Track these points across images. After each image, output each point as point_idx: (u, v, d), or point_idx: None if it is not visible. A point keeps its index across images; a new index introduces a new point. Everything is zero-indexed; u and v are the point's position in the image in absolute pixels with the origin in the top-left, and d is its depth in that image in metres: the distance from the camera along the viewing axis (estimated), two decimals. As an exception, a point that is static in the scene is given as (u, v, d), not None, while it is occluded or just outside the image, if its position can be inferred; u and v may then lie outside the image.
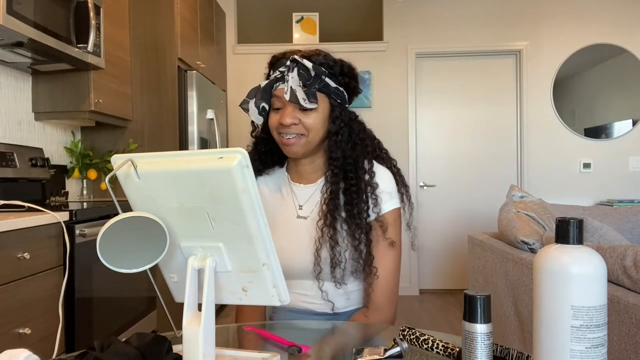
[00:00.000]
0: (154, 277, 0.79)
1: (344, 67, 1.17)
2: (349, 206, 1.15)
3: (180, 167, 0.67)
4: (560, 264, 0.60)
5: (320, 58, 1.14)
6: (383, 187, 1.19)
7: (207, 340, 0.68)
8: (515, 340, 2.11)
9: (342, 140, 1.17)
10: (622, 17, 4.33)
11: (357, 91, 1.23)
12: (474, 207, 4.48)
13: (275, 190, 1.28)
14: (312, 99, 1.12)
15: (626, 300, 1.37)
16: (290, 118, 1.13)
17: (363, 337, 1.08)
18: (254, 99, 1.17)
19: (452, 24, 4.45)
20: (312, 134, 1.15)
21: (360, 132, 1.22)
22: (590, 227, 1.91)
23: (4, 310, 1.54)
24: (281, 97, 1.14)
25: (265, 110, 1.17)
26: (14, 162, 2.29)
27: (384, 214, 1.19)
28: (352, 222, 1.15)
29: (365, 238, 1.15)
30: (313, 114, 1.14)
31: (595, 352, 0.58)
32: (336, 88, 1.16)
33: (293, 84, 1.11)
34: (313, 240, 1.17)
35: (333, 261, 1.14)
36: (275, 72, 1.16)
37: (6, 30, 1.84)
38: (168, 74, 3.01)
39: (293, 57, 1.13)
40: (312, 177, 1.24)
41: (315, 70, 1.12)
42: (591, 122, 4.40)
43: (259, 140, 1.26)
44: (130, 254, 0.69)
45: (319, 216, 1.18)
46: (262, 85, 1.17)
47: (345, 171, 1.17)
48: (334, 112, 1.17)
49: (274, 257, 0.71)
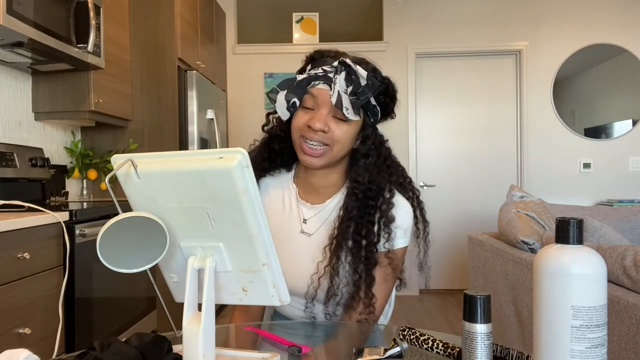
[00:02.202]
0: (154, 277, 0.79)
1: (389, 88, 1.08)
2: (357, 236, 1.06)
3: (180, 167, 0.67)
4: (560, 264, 0.60)
5: (370, 71, 1.05)
6: (400, 222, 1.09)
7: (207, 340, 0.68)
8: (515, 340, 2.11)
9: (369, 163, 1.09)
10: (622, 17, 4.33)
11: (392, 115, 1.14)
12: (474, 207, 4.48)
13: (278, 197, 1.18)
14: (356, 111, 1.03)
15: (626, 300, 1.37)
16: (322, 123, 1.03)
17: (363, 337, 1.08)
18: (285, 91, 1.06)
19: (452, 24, 4.45)
20: (337, 147, 1.05)
21: (387, 158, 1.14)
22: (590, 227, 1.91)
23: (4, 310, 1.54)
24: (318, 97, 1.04)
25: (294, 106, 1.06)
26: (14, 162, 2.29)
27: (395, 249, 1.09)
28: (358, 254, 1.06)
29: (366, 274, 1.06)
30: (345, 126, 1.05)
31: (595, 352, 0.58)
32: (374, 106, 1.07)
33: (340, 88, 1.01)
34: (314, 263, 1.10)
35: (329, 292, 1.07)
36: (316, 69, 1.05)
37: (6, 30, 1.84)
38: (168, 74, 3.01)
39: (343, 60, 1.03)
40: (323, 193, 1.15)
41: (368, 81, 1.02)
42: (591, 122, 4.40)
43: (274, 137, 1.16)
44: (130, 254, 0.69)
45: (328, 240, 1.09)
46: (298, 78, 1.06)
47: (366, 197, 1.07)
48: (365, 130, 1.09)
49: (274, 257, 0.71)
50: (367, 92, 1.02)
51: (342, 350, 0.98)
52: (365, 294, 1.07)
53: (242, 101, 4.46)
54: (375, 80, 1.03)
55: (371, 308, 1.07)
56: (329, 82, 1.03)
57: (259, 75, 4.46)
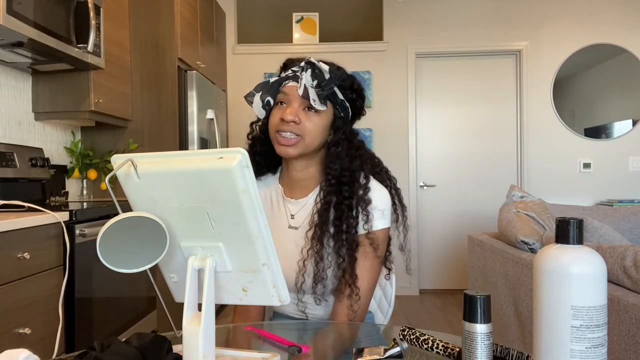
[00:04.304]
0: (154, 277, 0.79)
1: (354, 84, 1.18)
2: (337, 221, 1.13)
3: (180, 167, 0.67)
4: (560, 264, 0.60)
5: (334, 67, 1.15)
6: (376, 203, 1.16)
7: (207, 340, 0.68)
8: (515, 340, 2.11)
9: (341, 151, 1.16)
10: (622, 17, 4.33)
11: (361, 112, 1.23)
12: (474, 207, 4.48)
13: (266, 197, 1.26)
14: (322, 101, 1.12)
15: (626, 300, 1.37)
16: (293, 115, 1.12)
17: (363, 337, 1.08)
18: (260, 92, 1.17)
19: (452, 24, 4.45)
20: (308, 138, 1.14)
21: (360, 149, 1.21)
22: (590, 227, 1.91)
23: (4, 310, 1.54)
24: (289, 94, 1.14)
25: (269, 104, 1.16)
26: (14, 162, 2.29)
27: (374, 230, 1.16)
28: (339, 238, 1.13)
29: (349, 256, 1.13)
30: (315, 117, 1.14)
31: (595, 352, 0.58)
32: (342, 101, 1.16)
33: (307, 82, 1.12)
34: (298, 250, 1.17)
35: (316, 277, 1.13)
36: (287, 72, 1.16)
37: (6, 30, 1.84)
38: (168, 74, 3.01)
39: (309, 59, 1.13)
40: (305, 187, 1.22)
41: (331, 74, 1.12)
42: (591, 122, 4.40)
43: (256, 139, 1.25)
44: (130, 254, 0.69)
45: (309, 226, 1.16)
46: (271, 81, 1.16)
47: (340, 183, 1.15)
48: (335, 122, 1.17)
49: (274, 257, 0.71)
50: (330, 83, 1.12)
51: (342, 350, 0.98)
52: (350, 275, 1.13)
53: (242, 101, 4.45)
54: (337, 72, 1.14)
55: (357, 289, 1.13)
56: (297, 79, 1.14)
57: (259, 75, 4.46)
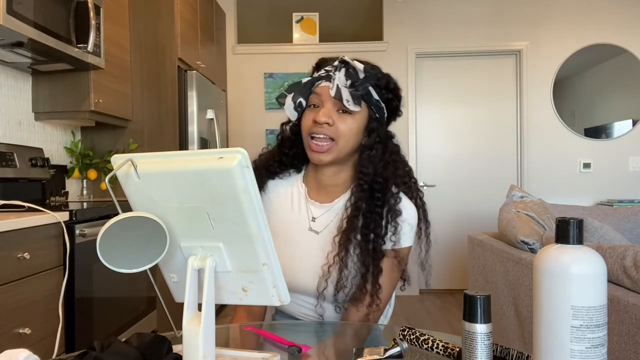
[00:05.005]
0: (154, 277, 0.79)
1: (390, 83, 1.13)
2: (366, 229, 1.09)
3: (180, 167, 0.67)
4: (560, 264, 0.60)
5: (369, 66, 1.10)
6: (406, 216, 1.12)
7: (207, 340, 0.68)
8: (515, 340, 2.11)
9: (375, 155, 1.12)
10: (622, 17, 4.33)
11: (397, 113, 1.18)
12: (474, 207, 4.48)
13: (287, 196, 1.22)
14: (356, 102, 1.07)
15: (626, 300, 1.37)
16: (326, 117, 1.07)
17: (363, 337, 1.08)
18: (292, 93, 1.13)
19: (452, 24, 4.45)
20: (342, 141, 1.09)
21: (394, 154, 1.17)
22: (590, 227, 1.91)
23: (4, 310, 1.54)
24: (321, 95, 1.10)
25: (301, 106, 1.13)
26: (14, 162, 2.29)
27: (401, 248, 1.12)
28: (365, 247, 1.08)
29: (374, 267, 1.09)
30: (349, 119, 1.09)
31: (595, 352, 0.58)
32: (378, 101, 1.11)
33: (340, 82, 1.07)
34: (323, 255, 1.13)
35: (338, 284, 1.09)
36: (320, 72, 1.12)
37: (6, 30, 1.84)
38: (168, 74, 3.01)
39: (343, 58, 1.09)
40: (332, 192, 1.18)
41: (366, 73, 1.07)
42: (591, 122, 4.40)
43: (285, 140, 1.21)
44: (130, 254, 0.69)
45: (337, 231, 1.12)
46: (303, 81, 1.12)
47: (372, 190, 1.10)
48: (370, 124, 1.12)
49: (274, 257, 0.71)
50: (364, 82, 1.07)
51: (342, 350, 0.98)
52: (372, 285, 1.09)
53: (242, 101, 4.46)
54: (372, 71, 1.09)
55: (378, 300, 1.10)
56: (330, 79, 1.09)
57: (259, 75, 4.46)
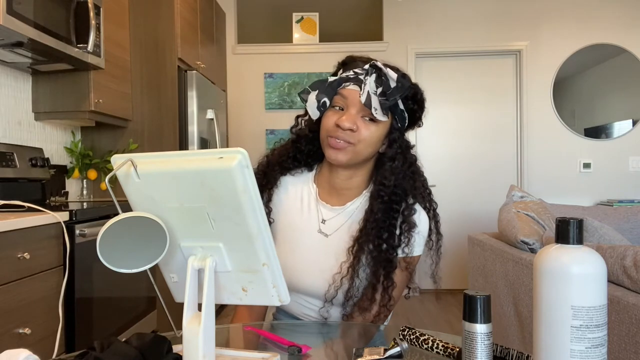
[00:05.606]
0: (154, 277, 0.79)
1: (417, 94, 1.11)
2: (380, 240, 1.07)
3: (180, 167, 0.67)
4: (560, 264, 0.60)
5: (400, 74, 1.07)
6: (420, 228, 1.12)
7: (207, 340, 0.68)
8: (515, 340, 2.11)
9: (396, 167, 1.10)
10: (622, 17, 4.33)
11: (419, 123, 1.16)
12: (474, 207, 4.48)
13: (297, 195, 1.19)
14: (384, 112, 1.05)
15: (626, 300, 1.37)
16: (350, 122, 1.04)
17: (363, 337, 1.08)
18: (317, 91, 1.09)
19: (452, 24, 4.45)
20: (361, 146, 1.07)
21: (413, 165, 1.15)
22: (590, 227, 1.91)
23: (4, 310, 1.54)
24: (347, 98, 1.07)
25: (325, 106, 1.09)
26: (14, 162, 2.29)
27: (413, 256, 1.12)
28: (378, 257, 1.07)
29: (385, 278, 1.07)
30: (373, 127, 1.07)
31: (595, 352, 0.58)
32: (402, 111, 1.09)
33: (370, 89, 1.04)
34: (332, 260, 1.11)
35: (348, 293, 1.08)
36: (347, 72, 1.09)
37: (6, 30, 1.84)
38: (168, 74, 3.01)
39: (374, 63, 1.06)
40: (344, 196, 1.16)
41: (398, 83, 1.04)
42: (591, 122, 4.40)
43: (302, 137, 1.18)
44: (130, 254, 0.69)
45: (349, 241, 1.11)
46: (329, 80, 1.09)
47: (391, 201, 1.09)
48: (392, 134, 1.11)
49: (274, 257, 0.71)
50: (395, 93, 1.04)
51: (342, 350, 0.98)
52: (382, 296, 1.08)
53: (242, 101, 4.46)
54: (404, 82, 1.05)
55: (386, 312, 1.10)
56: (359, 83, 1.06)
57: (259, 75, 4.45)
